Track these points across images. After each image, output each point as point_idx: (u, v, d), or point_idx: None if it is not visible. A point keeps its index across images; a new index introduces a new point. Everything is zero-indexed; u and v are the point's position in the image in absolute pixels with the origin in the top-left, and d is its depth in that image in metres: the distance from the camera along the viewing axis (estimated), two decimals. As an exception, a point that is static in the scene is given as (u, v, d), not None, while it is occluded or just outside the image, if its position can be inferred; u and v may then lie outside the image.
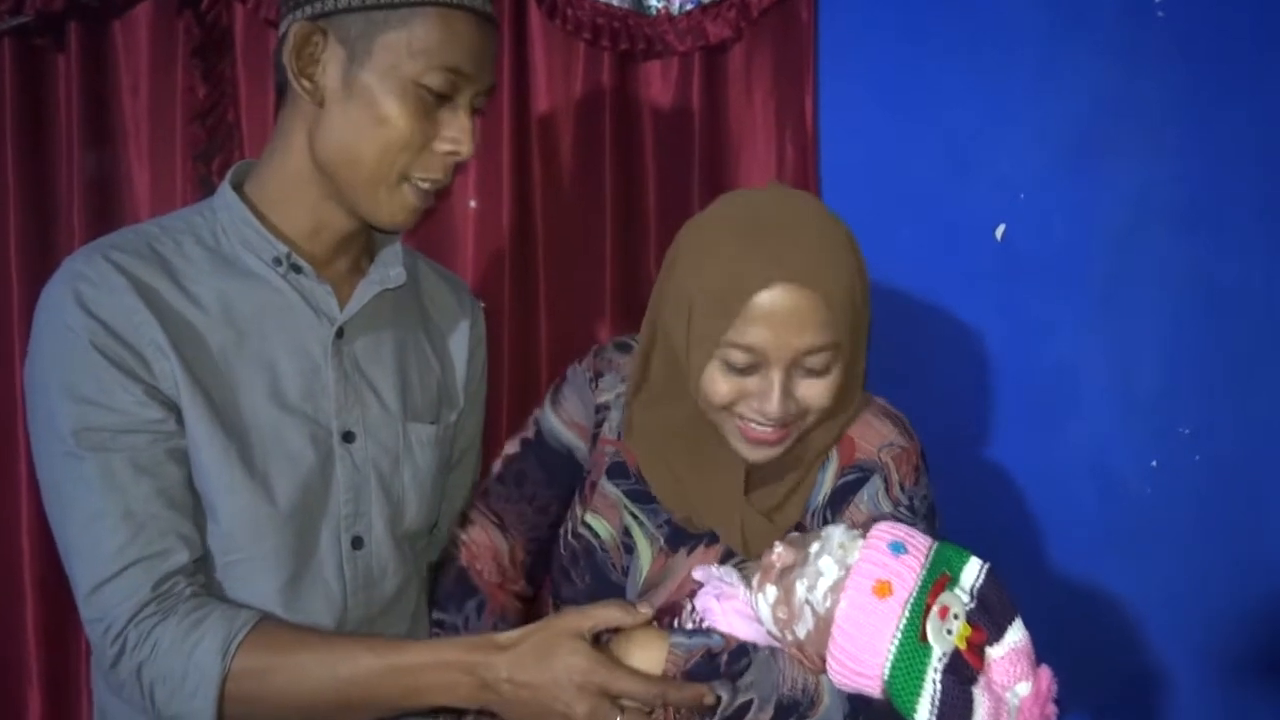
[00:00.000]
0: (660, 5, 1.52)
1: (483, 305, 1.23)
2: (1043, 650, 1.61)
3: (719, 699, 0.88)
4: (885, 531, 0.88)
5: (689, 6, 1.51)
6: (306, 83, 0.93)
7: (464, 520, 1.14)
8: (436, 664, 0.89)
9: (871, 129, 1.59)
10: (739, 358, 0.93)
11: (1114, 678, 1.60)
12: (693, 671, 0.89)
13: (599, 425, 1.11)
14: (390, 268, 1.04)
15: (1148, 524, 1.58)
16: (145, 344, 0.91)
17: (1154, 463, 1.59)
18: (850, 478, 1.01)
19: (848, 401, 1.01)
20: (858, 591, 0.84)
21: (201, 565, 0.93)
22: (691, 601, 0.97)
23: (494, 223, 1.53)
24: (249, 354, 0.96)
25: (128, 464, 0.90)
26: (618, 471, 1.07)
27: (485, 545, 1.12)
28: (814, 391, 0.95)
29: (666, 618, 0.99)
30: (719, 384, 0.95)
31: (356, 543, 1.00)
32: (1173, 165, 1.56)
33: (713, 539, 1.04)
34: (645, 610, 0.90)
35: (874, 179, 1.59)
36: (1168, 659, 1.59)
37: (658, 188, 1.57)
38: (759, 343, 0.92)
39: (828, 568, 0.86)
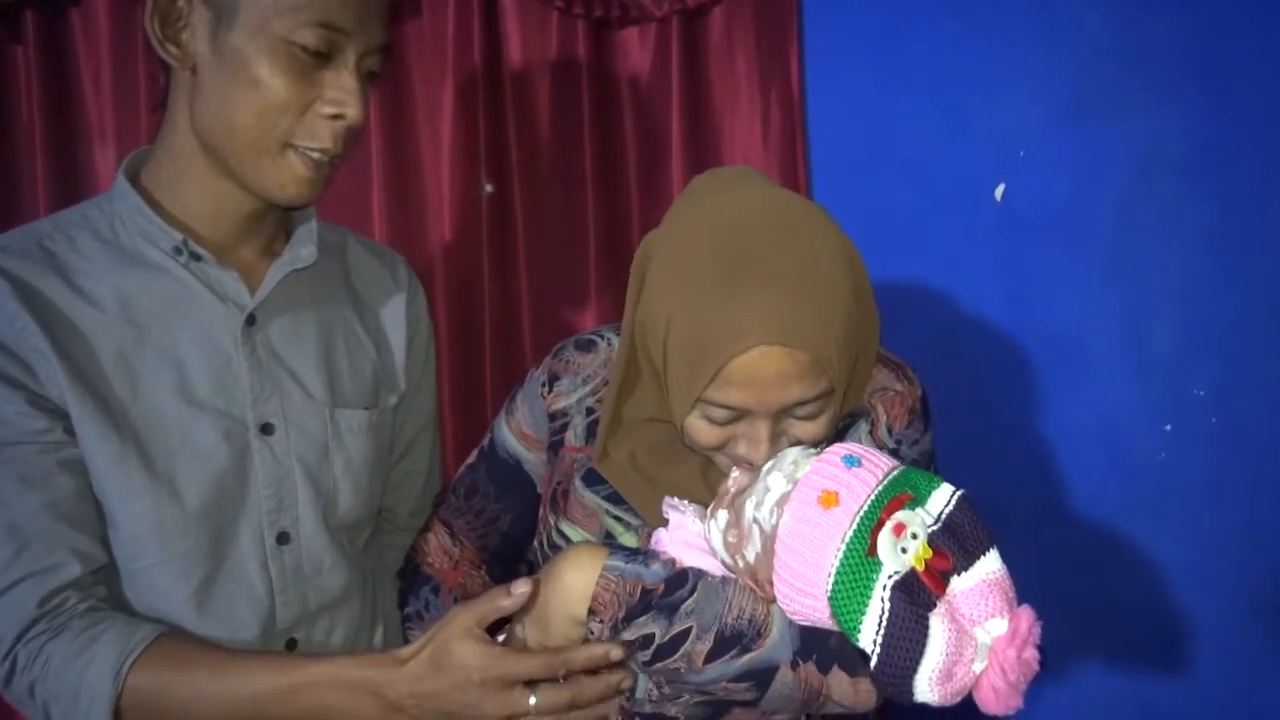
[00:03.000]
0: (635, -31, 1.47)
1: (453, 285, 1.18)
2: (1054, 621, 1.57)
3: (636, 642, 0.83)
4: (842, 446, 0.81)
5: (665, -31, 1.47)
6: (174, 48, 0.88)
7: (422, 529, 1.13)
8: (337, 682, 0.85)
9: (861, 89, 1.53)
10: (720, 415, 0.86)
11: (1128, 648, 1.57)
12: (632, 610, 0.84)
13: (558, 433, 1.04)
14: (301, 248, 0.99)
15: (1162, 491, 1.53)
16: (28, 350, 0.87)
17: (1168, 427, 1.53)
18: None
19: (850, 407, 0.95)
20: (802, 503, 0.77)
21: (102, 576, 0.90)
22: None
23: (470, 203, 1.49)
24: (151, 350, 0.92)
25: (12, 477, 0.86)
26: (594, 478, 1.00)
27: (435, 546, 1.10)
28: (806, 431, 0.87)
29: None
30: (703, 433, 0.88)
31: (282, 538, 0.96)
32: (1179, 115, 1.50)
33: None
34: (522, 588, 0.86)
35: (865, 141, 1.54)
36: (1183, 630, 1.55)
37: (638, 160, 1.53)
38: (740, 403, 0.84)
39: (776, 483, 0.80)
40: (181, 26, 0.88)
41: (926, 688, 0.71)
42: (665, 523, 0.91)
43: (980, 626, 0.73)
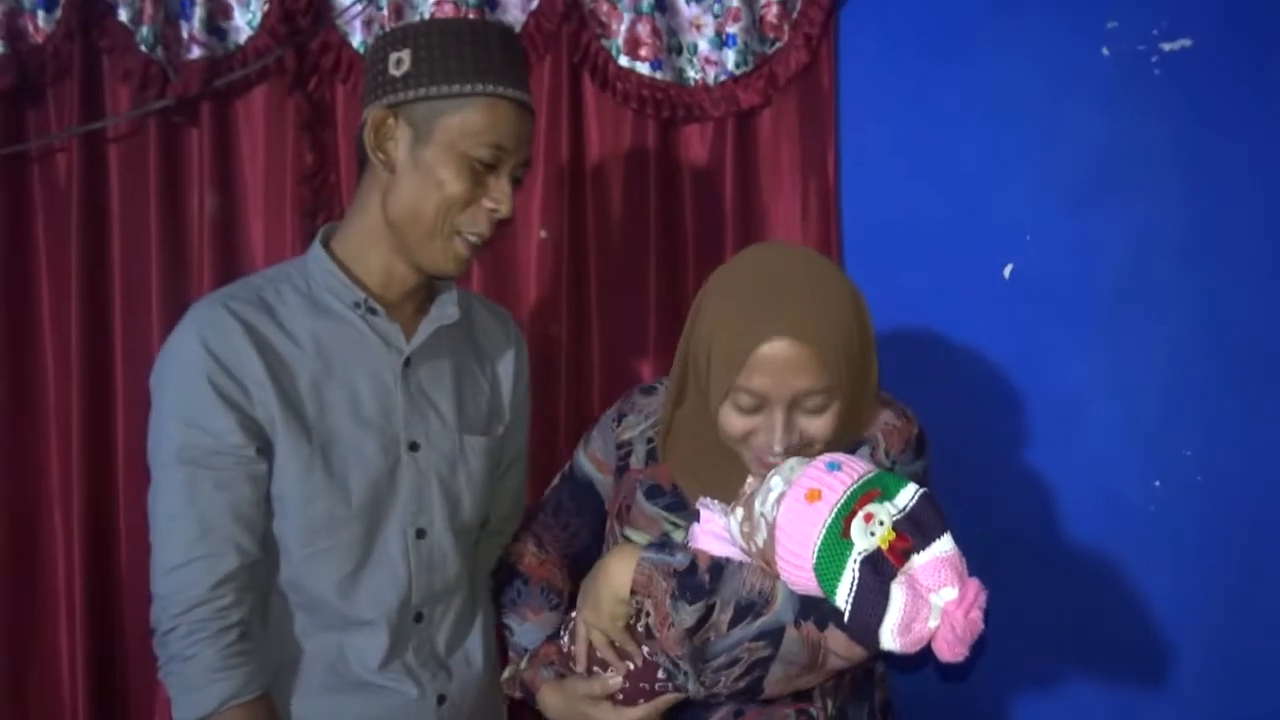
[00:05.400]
0: (698, 77, 1.70)
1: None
2: (1046, 667, 1.65)
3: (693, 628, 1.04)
4: (828, 455, 1.03)
5: (723, 78, 1.68)
6: (381, 155, 1.13)
7: (513, 539, 1.35)
8: None
9: (888, 182, 1.71)
10: (745, 400, 1.09)
11: (1117, 697, 1.64)
12: (681, 585, 1.05)
13: (624, 459, 1.28)
14: (446, 308, 1.23)
15: (1152, 540, 1.63)
16: (249, 379, 1.11)
17: (1157, 483, 1.64)
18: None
19: (855, 426, 1.16)
20: (793, 499, 0.98)
21: (256, 571, 1.11)
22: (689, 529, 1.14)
23: (554, 265, 1.71)
24: (336, 380, 1.15)
25: (210, 480, 1.08)
26: (654, 492, 1.23)
27: (527, 551, 1.33)
28: (814, 426, 1.10)
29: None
30: (733, 421, 1.11)
31: (420, 534, 1.19)
32: (1171, 207, 1.62)
33: None
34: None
35: (891, 225, 1.71)
36: (1171, 679, 1.63)
37: (695, 236, 1.73)
38: (760, 388, 1.07)
39: (776, 485, 1.01)
40: (389, 140, 1.14)
41: (889, 638, 0.91)
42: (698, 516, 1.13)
43: (935, 593, 0.92)
